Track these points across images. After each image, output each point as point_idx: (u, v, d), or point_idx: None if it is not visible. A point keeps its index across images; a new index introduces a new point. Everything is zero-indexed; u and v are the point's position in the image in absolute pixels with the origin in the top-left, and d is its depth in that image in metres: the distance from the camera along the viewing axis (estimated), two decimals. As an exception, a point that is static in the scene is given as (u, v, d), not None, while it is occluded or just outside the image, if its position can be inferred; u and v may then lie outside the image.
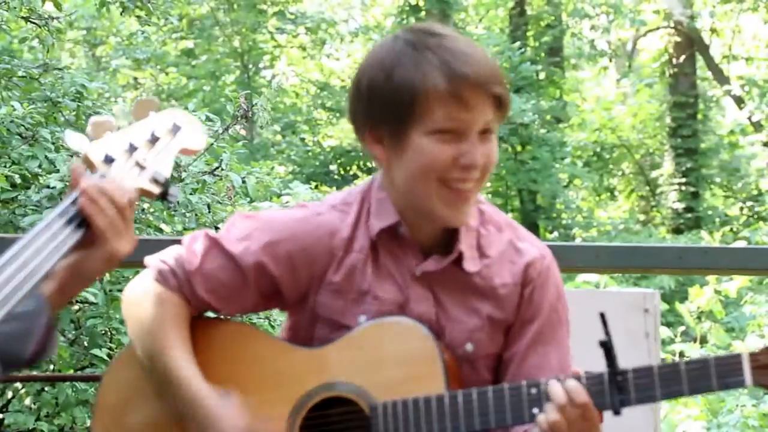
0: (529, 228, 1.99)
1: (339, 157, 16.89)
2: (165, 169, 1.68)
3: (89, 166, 1.64)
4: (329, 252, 1.84)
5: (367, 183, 1.90)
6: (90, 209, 1.55)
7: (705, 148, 17.36)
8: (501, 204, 17.15)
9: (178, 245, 1.90)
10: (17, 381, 4.06)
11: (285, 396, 1.80)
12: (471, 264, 1.83)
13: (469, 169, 1.74)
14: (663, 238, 15.72)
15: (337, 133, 17.49)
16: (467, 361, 1.83)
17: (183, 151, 1.74)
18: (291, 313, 1.93)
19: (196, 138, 1.75)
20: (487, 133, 1.76)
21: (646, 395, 1.69)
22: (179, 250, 1.89)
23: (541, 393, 1.70)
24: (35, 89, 5.11)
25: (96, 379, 3.78)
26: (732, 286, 7.09)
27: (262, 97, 5.13)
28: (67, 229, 1.53)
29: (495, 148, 1.78)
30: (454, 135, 1.74)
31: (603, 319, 1.68)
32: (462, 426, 1.72)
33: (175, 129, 1.73)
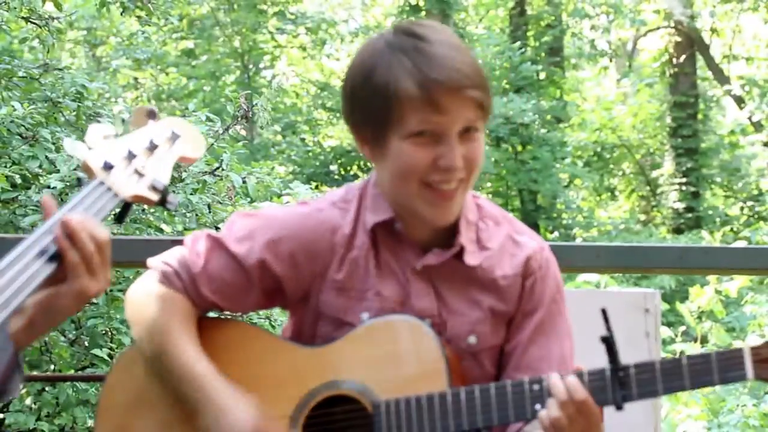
0: (530, 228, 2.00)
1: (339, 157, 16.88)
2: (163, 177, 1.69)
3: (88, 172, 1.64)
4: (331, 248, 1.84)
5: (365, 180, 1.91)
6: (65, 244, 1.49)
7: (705, 147, 17.35)
8: (501, 204, 17.13)
9: (180, 246, 1.91)
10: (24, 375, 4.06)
11: (288, 395, 1.80)
12: (472, 258, 1.84)
13: (449, 171, 1.74)
14: (663, 238, 15.71)
15: (338, 134, 17.49)
16: (470, 355, 1.84)
17: (181, 159, 1.76)
18: (293, 312, 1.93)
19: (194, 146, 1.77)
20: (470, 132, 1.76)
21: (648, 390, 1.68)
22: (181, 251, 1.89)
23: (544, 389, 1.70)
24: (35, 89, 5.11)
25: (97, 379, 3.78)
26: (733, 285, 7.08)
27: (262, 98, 5.13)
28: (38, 262, 1.47)
29: (479, 146, 1.77)
30: (431, 138, 1.74)
31: (604, 315, 1.68)
32: (465, 423, 1.72)
33: (174, 137, 1.74)
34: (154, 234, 4.76)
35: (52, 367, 4.80)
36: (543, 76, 17.72)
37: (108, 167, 1.63)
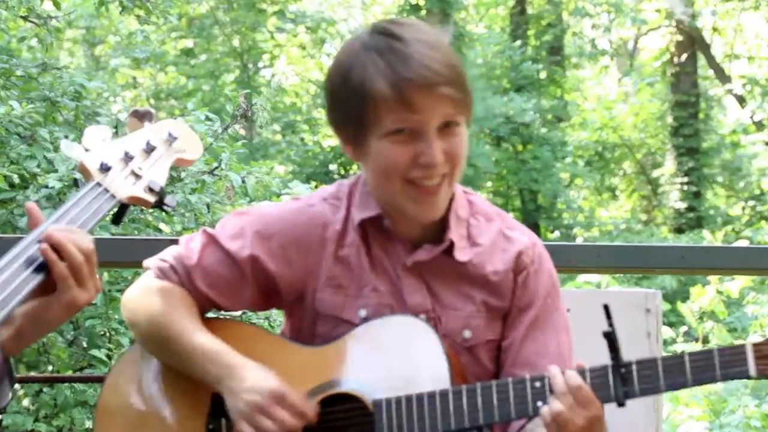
0: (530, 228, 2.00)
1: (339, 157, 16.88)
2: (160, 178, 1.70)
3: (85, 174, 1.65)
4: (322, 243, 1.86)
5: (355, 178, 1.92)
6: (51, 256, 1.48)
7: (707, 147, 17.34)
8: (502, 204, 17.13)
9: (175, 245, 1.93)
10: (16, 382, 4.04)
11: None
12: (462, 253, 1.84)
13: (430, 168, 1.74)
14: (665, 237, 15.71)
15: (338, 133, 17.43)
16: (466, 350, 1.84)
17: (178, 161, 1.77)
18: (290, 314, 1.93)
19: (191, 148, 1.79)
20: (450, 127, 1.76)
21: (650, 386, 1.67)
22: (177, 248, 1.91)
23: (546, 386, 1.70)
24: (34, 89, 5.10)
25: (95, 380, 3.76)
26: (734, 286, 7.07)
27: (261, 97, 5.12)
28: (26, 272, 1.46)
29: (461, 140, 1.77)
30: (409, 135, 1.74)
31: (606, 311, 1.67)
32: (466, 421, 1.72)
33: (171, 139, 1.76)
34: (152, 234, 4.75)
35: (50, 368, 4.79)
36: (544, 75, 17.73)
37: (105, 169, 1.65)
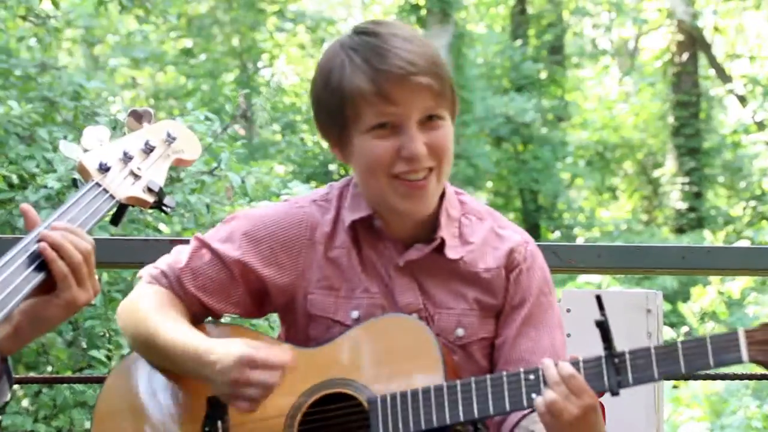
0: (531, 228, 1.99)
1: (339, 157, 16.84)
2: (159, 179, 1.72)
3: (84, 174, 1.65)
4: (312, 245, 1.87)
5: (346, 180, 1.93)
6: (50, 255, 1.49)
7: (708, 147, 17.33)
8: (502, 204, 17.12)
9: (167, 254, 1.94)
10: (15, 383, 4.03)
11: (283, 396, 1.80)
12: (453, 251, 1.85)
13: (413, 161, 1.75)
14: (666, 238, 15.69)
15: (338, 133, 17.42)
16: (459, 348, 1.85)
17: (177, 162, 1.79)
18: (284, 319, 1.94)
19: (190, 148, 1.80)
20: (433, 121, 1.77)
21: (643, 375, 1.67)
22: (168, 256, 1.93)
23: (539, 379, 1.70)
24: (32, 89, 5.11)
25: (94, 381, 3.74)
26: (735, 286, 7.07)
27: (261, 97, 5.12)
28: (26, 271, 1.47)
29: (445, 134, 1.78)
30: (390, 129, 1.75)
31: (599, 301, 1.67)
32: (461, 414, 1.72)
33: (170, 139, 1.78)
34: (152, 234, 4.74)
35: (49, 369, 4.78)
36: (544, 75, 17.72)
37: (104, 169, 1.66)
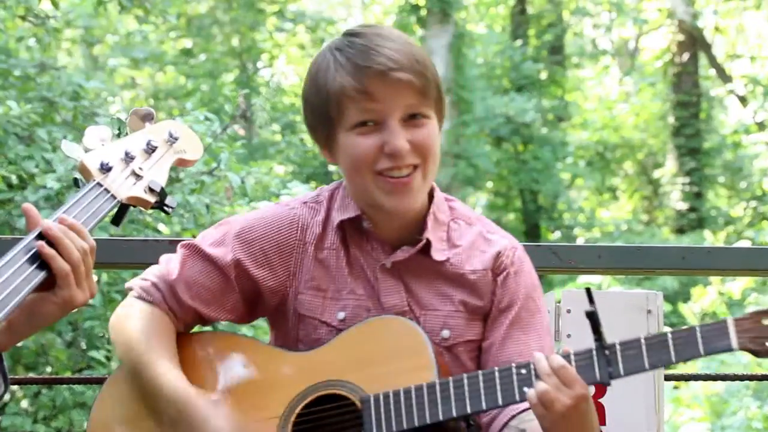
0: (531, 228, 2.00)
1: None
2: (161, 179, 1.72)
3: (85, 174, 1.65)
4: (302, 246, 1.88)
5: (337, 183, 1.96)
6: (48, 252, 1.49)
7: (708, 147, 17.30)
8: (502, 204, 17.11)
9: (155, 265, 1.94)
10: (14, 384, 4.04)
11: (277, 398, 1.81)
12: (439, 254, 1.87)
13: (396, 157, 1.78)
14: (666, 238, 15.67)
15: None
16: (446, 349, 1.86)
17: (179, 162, 1.79)
18: (273, 323, 1.95)
19: (192, 149, 1.81)
20: (417, 119, 1.80)
21: (634, 365, 1.69)
22: (158, 267, 1.93)
23: (531, 373, 1.71)
24: (32, 89, 5.10)
25: (94, 382, 3.73)
26: (736, 287, 7.06)
27: (260, 97, 5.12)
28: (29, 270, 1.48)
29: (429, 133, 1.81)
30: (373, 126, 1.78)
31: (588, 293, 1.69)
32: (453, 410, 1.73)
33: (172, 139, 1.78)
34: (151, 235, 4.74)
35: (48, 370, 4.78)
36: (544, 75, 17.70)
37: (105, 169, 1.66)
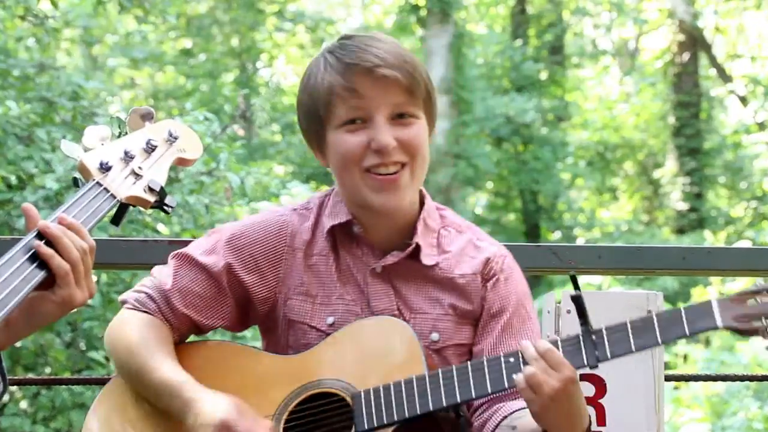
0: (531, 228, 2.02)
1: (340, 157, 16.79)
2: (160, 178, 1.73)
3: (85, 173, 1.66)
4: (291, 252, 1.91)
5: (328, 190, 1.98)
6: (46, 252, 1.50)
7: (709, 147, 17.29)
8: (502, 204, 17.11)
9: (148, 277, 1.95)
10: (13, 384, 4.03)
11: (270, 398, 1.83)
12: (429, 258, 1.89)
13: (383, 153, 1.81)
14: (666, 238, 15.66)
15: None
16: (435, 353, 1.88)
17: (179, 161, 1.80)
18: (264, 330, 1.98)
19: (192, 148, 1.82)
20: (404, 118, 1.83)
21: (620, 348, 1.71)
22: (150, 278, 1.95)
23: (519, 360, 1.73)
24: (31, 89, 5.10)
25: (93, 382, 3.73)
26: (736, 287, 7.04)
27: (260, 97, 5.12)
28: (29, 269, 1.48)
29: (417, 132, 1.84)
30: (361, 124, 1.82)
31: (573, 280, 1.72)
32: (443, 399, 1.75)
33: (172, 139, 1.79)
34: (150, 235, 4.74)
35: (48, 370, 4.78)
36: (545, 75, 17.69)
37: (105, 168, 1.67)
